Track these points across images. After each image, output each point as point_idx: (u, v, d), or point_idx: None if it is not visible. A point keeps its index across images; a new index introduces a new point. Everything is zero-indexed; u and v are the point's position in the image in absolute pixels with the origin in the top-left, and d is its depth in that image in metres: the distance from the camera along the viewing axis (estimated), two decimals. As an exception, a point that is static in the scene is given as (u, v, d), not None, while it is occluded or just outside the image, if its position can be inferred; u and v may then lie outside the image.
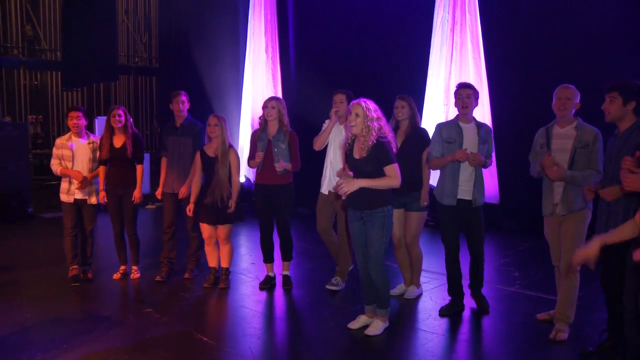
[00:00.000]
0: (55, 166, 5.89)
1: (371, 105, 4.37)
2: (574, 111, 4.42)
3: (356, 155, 4.44)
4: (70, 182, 5.87)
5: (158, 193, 6.10)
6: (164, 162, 6.08)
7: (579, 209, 4.36)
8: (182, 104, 5.95)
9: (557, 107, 4.43)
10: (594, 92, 4.73)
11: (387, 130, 4.43)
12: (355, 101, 4.41)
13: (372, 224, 4.42)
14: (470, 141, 4.83)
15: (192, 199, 5.66)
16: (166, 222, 6.03)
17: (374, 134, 4.32)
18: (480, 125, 4.91)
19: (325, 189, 5.61)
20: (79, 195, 5.86)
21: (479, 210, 4.91)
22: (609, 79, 4.04)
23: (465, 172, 4.84)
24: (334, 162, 5.52)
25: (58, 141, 5.96)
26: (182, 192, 5.81)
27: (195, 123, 6.06)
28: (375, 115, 4.35)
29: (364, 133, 4.34)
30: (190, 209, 5.66)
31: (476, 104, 4.93)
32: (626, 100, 3.84)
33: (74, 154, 5.86)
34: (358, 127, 4.34)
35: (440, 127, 5.03)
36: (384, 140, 4.35)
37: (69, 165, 5.86)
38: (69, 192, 5.87)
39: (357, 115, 4.33)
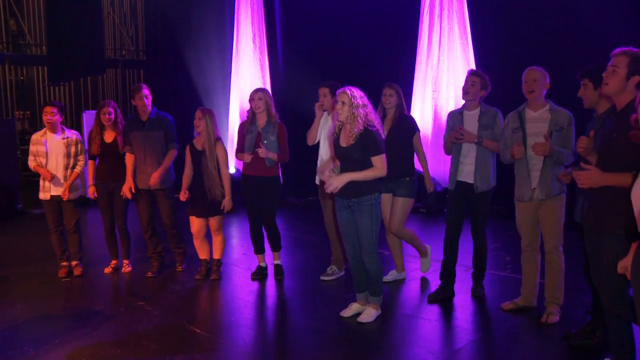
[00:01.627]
0: (30, 162, 5.82)
1: (357, 92, 4.37)
2: (544, 92, 4.43)
3: (343, 144, 4.44)
4: (44, 179, 5.80)
5: (125, 189, 5.76)
6: (129, 158, 5.80)
7: (557, 193, 4.38)
8: (146, 99, 5.75)
9: (525, 90, 4.45)
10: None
11: (374, 117, 4.43)
12: (340, 89, 4.41)
13: (361, 213, 4.42)
14: (469, 129, 4.84)
15: (184, 186, 5.60)
16: (144, 220, 5.94)
17: (360, 120, 4.33)
18: (483, 112, 4.87)
19: (317, 179, 5.60)
20: (55, 192, 5.78)
21: (483, 197, 4.89)
22: (597, 62, 4.02)
23: (468, 156, 4.86)
24: (323, 153, 5.50)
25: (33, 137, 5.87)
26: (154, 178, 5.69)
27: (165, 115, 5.90)
28: (360, 102, 4.35)
29: (350, 121, 4.34)
30: (185, 192, 5.54)
31: (482, 94, 4.91)
32: (597, 85, 3.80)
33: (48, 150, 5.78)
34: (344, 114, 4.35)
35: (449, 114, 5.15)
36: (372, 128, 4.36)
37: (43, 161, 5.77)
38: (45, 189, 5.80)
39: (343, 103, 4.34)
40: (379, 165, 4.36)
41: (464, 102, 4.99)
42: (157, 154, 5.77)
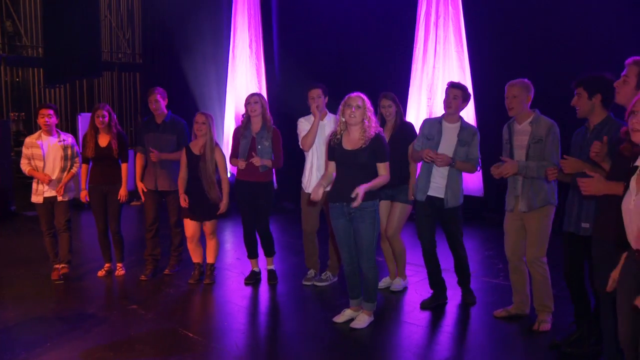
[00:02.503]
0: (24, 166, 5.80)
1: (368, 99, 4.46)
2: (527, 105, 4.42)
3: (348, 146, 4.44)
4: (38, 182, 5.80)
5: (140, 189, 5.92)
6: (139, 158, 5.94)
7: (539, 206, 4.36)
8: (155, 104, 5.81)
9: (506, 105, 4.46)
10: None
11: (379, 126, 4.53)
12: (354, 94, 4.43)
13: (363, 220, 4.44)
14: (447, 141, 4.81)
15: (181, 190, 5.62)
16: (149, 220, 5.98)
17: (374, 125, 4.41)
18: (464, 128, 4.85)
19: (310, 187, 5.52)
20: (48, 194, 5.78)
21: (454, 212, 4.88)
22: (592, 72, 4.05)
23: (440, 171, 4.83)
24: (319, 159, 5.44)
25: (27, 140, 5.85)
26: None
27: (179, 120, 5.97)
28: (372, 109, 4.45)
29: (365, 125, 4.38)
30: (185, 199, 5.56)
31: (464, 106, 4.89)
32: (591, 94, 3.82)
33: (45, 153, 5.77)
34: (359, 117, 4.38)
35: (425, 122, 5.08)
36: (382, 135, 4.45)
37: (40, 164, 5.76)
38: (37, 192, 5.80)
39: (357, 106, 4.38)
40: (385, 172, 4.45)
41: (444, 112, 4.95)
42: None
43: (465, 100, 4.89)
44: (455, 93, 4.83)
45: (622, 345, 3.00)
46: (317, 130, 5.38)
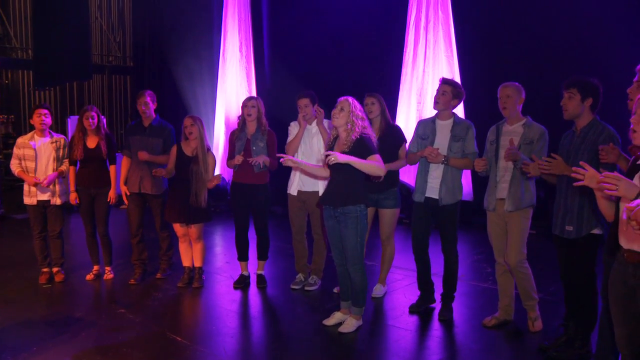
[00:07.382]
0: (14, 167, 5.77)
1: (358, 104, 4.47)
2: (519, 107, 4.44)
3: (336, 151, 4.45)
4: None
5: (124, 192, 5.86)
6: (125, 161, 5.91)
7: (525, 206, 4.39)
8: (144, 106, 5.80)
9: (499, 106, 4.46)
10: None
11: (370, 132, 4.49)
12: (343, 97, 4.47)
13: (346, 225, 4.46)
14: (441, 138, 4.78)
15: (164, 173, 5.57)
16: (134, 225, 5.93)
17: (358, 130, 4.37)
18: (457, 123, 4.80)
19: (294, 190, 5.58)
20: (42, 197, 5.75)
21: (449, 211, 4.82)
22: (581, 76, 4.08)
23: (435, 169, 4.80)
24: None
25: (20, 140, 5.83)
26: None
27: (166, 124, 5.94)
28: (359, 114, 4.43)
29: (348, 127, 4.38)
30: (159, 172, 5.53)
31: (454, 103, 4.82)
32: (584, 97, 3.87)
33: (37, 152, 5.75)
34: (340, 120, 4.39)
35: (419, 123, 5.08)
36: (365, 136, 4.40)
37: (31, 165, 5.74)
38: (31, 194, 5.77)
39: (341, 109, 4.41)
40: (377, 161, 4.38)
41: (436, 111, 4.91)
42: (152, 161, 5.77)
43: (456, 97, 4.80)
44: (444, 89, 4.78)
45: (618, 346, 3.02)
46: (301, 137, 5.47)
